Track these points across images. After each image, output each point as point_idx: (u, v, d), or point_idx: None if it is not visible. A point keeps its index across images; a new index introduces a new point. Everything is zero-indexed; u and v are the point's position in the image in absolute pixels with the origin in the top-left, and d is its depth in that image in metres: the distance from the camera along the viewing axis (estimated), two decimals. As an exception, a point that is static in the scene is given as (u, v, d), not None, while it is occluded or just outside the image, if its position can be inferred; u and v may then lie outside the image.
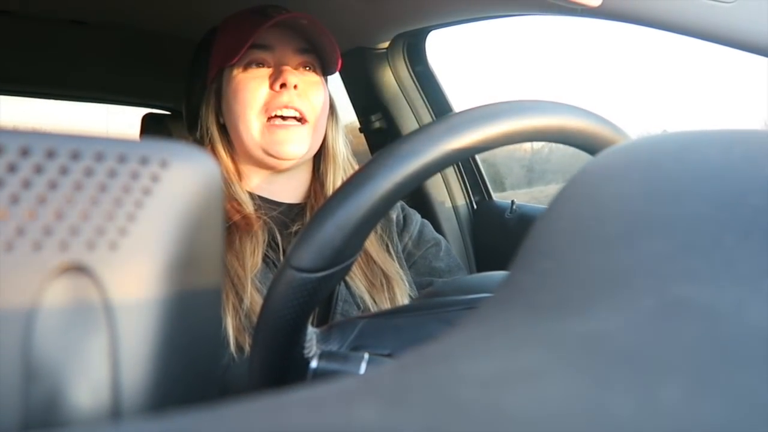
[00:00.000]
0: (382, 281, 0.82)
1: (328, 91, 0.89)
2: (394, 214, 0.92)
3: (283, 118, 0.81)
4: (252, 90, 0.81)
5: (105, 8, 1.32)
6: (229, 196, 0.82)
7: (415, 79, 1.30)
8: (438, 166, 0.38)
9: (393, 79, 1.29)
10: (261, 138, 0.81)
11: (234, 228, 0.79)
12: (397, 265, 0.85)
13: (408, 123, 1.29)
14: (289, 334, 0.41)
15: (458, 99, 1.32)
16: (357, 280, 0.81)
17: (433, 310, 0.46)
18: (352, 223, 0.37)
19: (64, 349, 0.18)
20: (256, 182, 0.86)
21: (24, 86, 2.03)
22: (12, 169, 0.18)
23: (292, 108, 0.80)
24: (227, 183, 0.83)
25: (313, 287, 0.38)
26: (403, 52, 1.28)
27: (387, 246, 0.87)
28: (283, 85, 0.80)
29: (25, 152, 0.18)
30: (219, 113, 0.86)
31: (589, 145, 0.44)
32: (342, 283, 0.80)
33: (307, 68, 0.85)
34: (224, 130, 0.86)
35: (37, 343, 0.17)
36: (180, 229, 0.20)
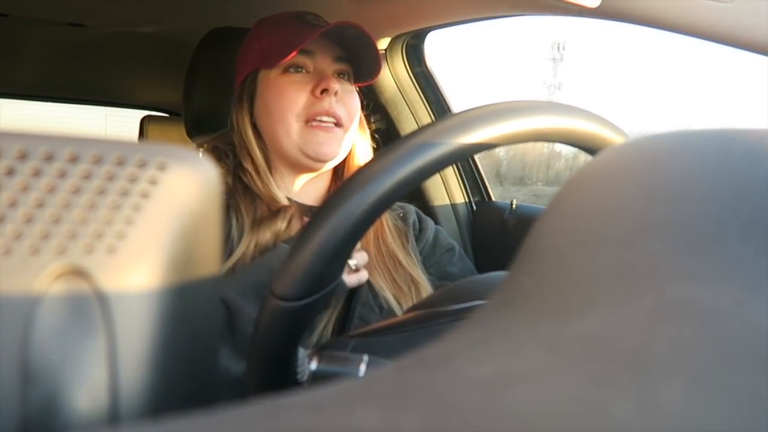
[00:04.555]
0: (410, 286, 0.83)
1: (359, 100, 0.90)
2: (411, 218, 0.94)
3: (322, 121, 0.82)
4: (293, 94, 0.82)
5: (103, 10, 1.32)
6: (267, 195, 0.84)
7: (414, 80, 1.30)
8: (413, 182, 0.38)
9: (392, 80, 1.28)
10: (299, 139, 0.83)
11: (275, 216, 0.82)
12: (421, 269, 0.87)
13: (408, 124, 1.29)
14: (280, 361, 0.42)
15: (458, 99, 1.32)
16: (382, 282, 0.82)
17: (423, 323, 0.47)
18: (330, 250, 0.37)
19: (62, 353, 0.18)
20: (285, 183, 0.88)
21: (22, 88, 2.03)
22: (10, 172, 0.17)
23: (331, 114, 0.82)
24: (264, 182, 0.84)
25: (298, 315, 0.39)
26: (402, 54, 1.28)
27: (408, 249, 0.89)
28: (324, 91, 0.81)
29: (23, 156, 0.18)
30: (251, 114, 0.87)
31: (588, 145, 0.44)
32: (365, 285, 0.81)
33: (342, 76, 0.86)
34: (256, 130, 0.87)
35: (35, 347, 0.17)
36: (178, 233, 0.19)
